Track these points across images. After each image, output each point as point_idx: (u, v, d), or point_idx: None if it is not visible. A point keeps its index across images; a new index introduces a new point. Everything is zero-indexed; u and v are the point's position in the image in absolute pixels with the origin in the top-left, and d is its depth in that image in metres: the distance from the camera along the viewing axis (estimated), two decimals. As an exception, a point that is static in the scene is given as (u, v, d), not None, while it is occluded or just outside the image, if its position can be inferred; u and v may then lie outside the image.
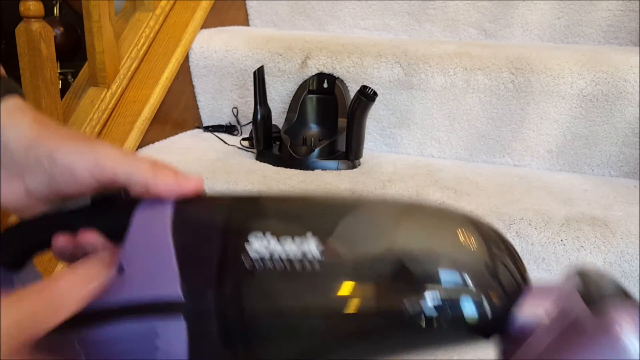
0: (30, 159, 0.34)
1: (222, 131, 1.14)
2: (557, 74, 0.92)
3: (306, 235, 0.29)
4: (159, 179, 0.33)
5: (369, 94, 0.88)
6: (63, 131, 0.36)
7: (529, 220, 0.75)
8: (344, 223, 0.30)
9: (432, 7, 1.21)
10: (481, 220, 0.33)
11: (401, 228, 0.30)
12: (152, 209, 0.33)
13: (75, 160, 0.34)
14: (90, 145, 0.34)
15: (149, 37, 1.04)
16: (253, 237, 0.29)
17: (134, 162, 0.34)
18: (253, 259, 0.29)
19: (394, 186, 0.85)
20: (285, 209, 0.32)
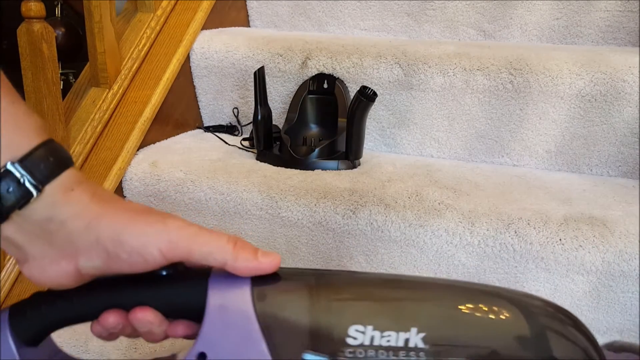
0: (90, 239, 0.33)
1: (223, 131, 1.15)
2: (555, 74, 0.92)
3: (410, 330, 0.30)
4: (239, 260, 0.33)
5: (368, 94, 0.88)
6: (125, 207, 0.34)
7: (528, 219, 0.76)
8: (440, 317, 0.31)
9: (431, 7, 1.22)
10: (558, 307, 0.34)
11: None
12: (226, 285, 0.32)
13: (146, 242, 0.32)
14: (160, 222, 0.33)
15: (150, 37, 1.05)
16: (353, 330, 0.30)
17: (212, 241, 0.33)
18: (354, 348, 0.30)
19: (394, 186, 0.86)
20: (381, 295, 0.33)
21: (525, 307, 0.32)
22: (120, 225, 0.32)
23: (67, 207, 0.33)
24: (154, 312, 0.33)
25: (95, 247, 0.32)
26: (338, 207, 0.82)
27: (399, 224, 0.79)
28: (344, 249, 0.83)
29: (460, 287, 0.34)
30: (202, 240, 0.33)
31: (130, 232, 0.32)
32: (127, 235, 0.32)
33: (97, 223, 0.32)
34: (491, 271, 0.77)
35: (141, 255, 0.32)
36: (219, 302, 0.32)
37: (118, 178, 0.94)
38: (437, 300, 0.33)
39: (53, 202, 0.32)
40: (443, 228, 0.77)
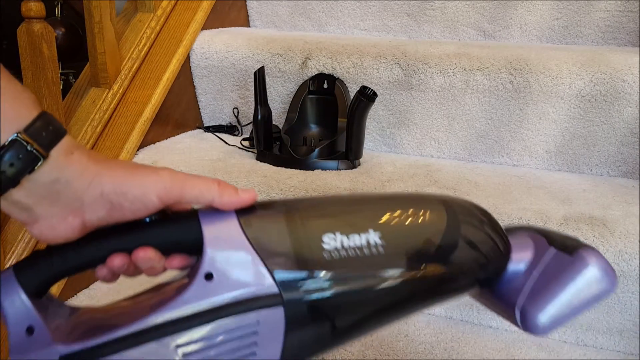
0: (95, 193, 0.37)
1: (223, 131, 1.15)
2: (555, 74, 0.92)
3: (368, 231, 0.39)
4: (224, 196, 0.39)
5: (368, 94, 0.88)
6: (120, 164, 0.39)
7: (528, 219, 0.76)
8: (388, 219, 0.41)
9: (431, 8, 1.22)
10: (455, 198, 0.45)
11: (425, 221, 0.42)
12: (216, 219, 0.38)
13: (145, 191, 0.37)
14: (155, 173, 0.38)
15: (150, 37, 1.05)
16: (326, 237, 0.38)
17: (200, 183, 0.38)
18: (330, 251, 0.38)
19: (394, 186, 0.86)
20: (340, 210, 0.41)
21: (449, 205, 0.43)
22: (120, 179, 0.37)
23: (70, 168, 0.37)
24: (154, 250, 0.38)
25: (100, 200, 0.37)
26: (338, 207, 0.82)
27: (399, 224, 0.79)
28: (344, 249, 0.83)
29: (404, 196, 0.44)
30: (192, 184, 0.38)
31: (131, 183, 0.37)
32: (128, 187, 0.37)
33: (99, 179, 0.37)
34: (491, 271, 0.77)
35: (142, 202, 0.37)
36: (213, 233, 0.38)
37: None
38: (386, 207, 0.41)
39: (57, 165, 0.36)
40: (443, 228, 0.77)
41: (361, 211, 0.41)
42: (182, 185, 0.38)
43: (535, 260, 0.43)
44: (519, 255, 0.44)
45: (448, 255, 0.41)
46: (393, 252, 0.39)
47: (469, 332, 0.78)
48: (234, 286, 0.36)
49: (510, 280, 0.43)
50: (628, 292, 0.72)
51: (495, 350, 0.75)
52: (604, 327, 0.75)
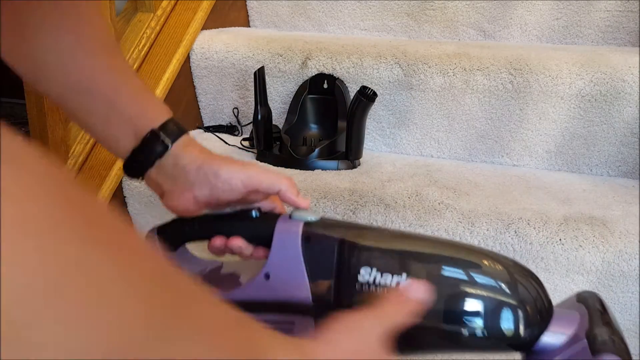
0: (200, 176, 0.50)
1: (223, 131, 1.15)
2: (555, 74, 0.92)
3: (402, 274, 0.43)
4: (288, 191, 0.50)
5: (368, 94, 0.88)
6: (219, 157, 0.51)
7: (528, 219, 0.76)
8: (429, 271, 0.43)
9: (431, 8, 1.22)
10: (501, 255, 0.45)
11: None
12: (285, 232, 0.47)
13: (232, 176, 0.49)
14: (241, 165, 0.51)
15: (150, 37, 1.04)
16: (363, 270, 0.44)
17: (274, 176, 0.50)
18: (362, 283, 0.44)
19: (394, 186, 0.86)
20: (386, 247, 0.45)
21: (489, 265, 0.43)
22: (217, 165, 0.50)
23: (186, 157, 0.50)
24: (243, 240, 0.50)
25: (204, 180, 0.50)
26: (338, 207, 0.82)
27: (399, 224, 0.79)
28: (344, 249, 0.83)
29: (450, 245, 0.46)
30: (266, 176, 0.50)
31: (224, 170, 0.50)
32: (222, 172, 0.49)
33: (204, 165, 0.50)
34: (491, 271, 0.77)
35: (230, 184, 0.49)
36: (279, 243, 0.47)
37: (118, 178, 0.94)
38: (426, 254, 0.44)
39: (176, 154, 0.50)
40: (443, 228, 0.77)
41: (406, 253, 0.44)
42: (260, 176, 0.49)
43: (572, 341, 0.40)
44: (558, 329, 0.41)
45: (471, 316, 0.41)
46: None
47: (469, 332, 0.78)
48: (283, 290, 0.46)
49: (541, 352, 0.41)
50: (628, 292, 0.72)
51: (495, 350, 0.75)
52: (604, 327, 0.75)
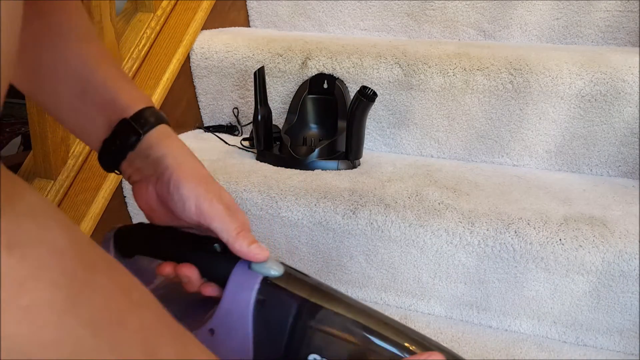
0: (165, 176, 0.45)
1: (223, 131, 1.15)
2: (555, 74, 0.92)
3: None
4: (237, 243, 0.43)
5: (368, 94, 0.88)
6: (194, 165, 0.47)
7: (528, 219, 0.76)
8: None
9: (431, 8, 1.22)
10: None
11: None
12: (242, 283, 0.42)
13: (189, 197, 0.44)
14: (205, 190, 0.45)
15: (150, 37, 1.04)
16: (311, 358, 0.40)
17: (228, 220, 0.44)
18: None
19: (394, 186, 0.86)
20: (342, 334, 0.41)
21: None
22: (182, 179, 0.45)
23: (160, 150, 0.46)
24: (195, 271, 0.44)
25: (166, 184, 0.45)
26: (338, 207, 0.82)
27: (399, 223, 0.79)
28: (344, 248, 0.83)
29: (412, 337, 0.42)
30: (222, 217, 0.44)
31: (185, 187, 0.44)
32: (182, 188, 0.44)
33: (173, 170, 0.45)
34: (491, 271, 0.77)
35: (183, 205, 0.44)
36: (231, 297, 0.42)
37: (118, 178, 0.95)
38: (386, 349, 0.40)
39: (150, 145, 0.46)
40: (443, 228, 0.77)
41: (364, 342, 0.41)
42: (213, 216, 0.44)
43: None
44: None
45: None
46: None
47: (469, 332, 0.78)
48: (225, 352, 0.41)
49: None
50: (628, 292, 0.72)
51: (495, 350, 0.75)
52: (604, 327, 0.75)
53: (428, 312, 0.83)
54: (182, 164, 0.45)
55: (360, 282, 0.85)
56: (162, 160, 0.45)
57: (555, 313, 0.77)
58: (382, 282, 0.84)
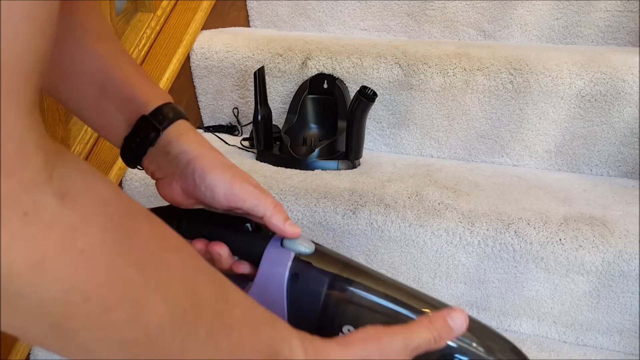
0: (188, 170, 0.46)
1: (223, 131, 1.15)
2: (555, 74, 0.92)
3: None
4: (274, 217, 0.45)
5: (368, 94, 0.88)
6: (216, 155, 0.48)
7: (528, 219, 0.76)
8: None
9: (431, 8, 1.22)
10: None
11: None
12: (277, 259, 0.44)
13: (217, 184, 0.45)
14: (232, 175, 0.46)
15: (150, 37, 1.04)
16: (345, 328, 0.42)
17: (262, 197, 0.46)
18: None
19: (394, 186, 0.86)
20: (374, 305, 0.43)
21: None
22: (207, 167, 0.46)
23: (179, 146, 0.47)
24: (226, 249, 0.46)
25: (190, 178, 0.46)
26: (338, 207, 0.82)
27: (399, 224, 0.79)
28: (344, 248, 0.83)
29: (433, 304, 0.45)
30: (255, 196, 0.45)
31: (211, 175, 0.45)
32: (208, 176, 0.45)
33: (195, 162, 0.46)
34: (491, 271, 0.77)
35: (212, 192, 0.45)
36: (265, 273, 0.43)
37: (118, 178, 0.94)
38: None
39: (169, 141, 0.47)
40: (443, 228, 0.77)
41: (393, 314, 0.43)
42: (245, 196, 0.45)
43: None
44: None
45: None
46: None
47: (469, 332, 0.78)
48: None
49: None
50: (628, 292, 0.72)
51: (495, 350, 0.75)
52: (604, 327, 0.75)
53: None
54: (203, 156, 0.46)
55: (360, 282, 0.85)
56: (183, 156, 0.46)
57: (555, 313, 0.77)
58: (382, 282, 0.84)
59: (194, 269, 0.30)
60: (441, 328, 0.40)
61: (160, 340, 0.27)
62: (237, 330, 0.32)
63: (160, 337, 0.27)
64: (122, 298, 0.25)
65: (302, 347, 0.35)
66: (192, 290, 0.29)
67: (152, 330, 0.27)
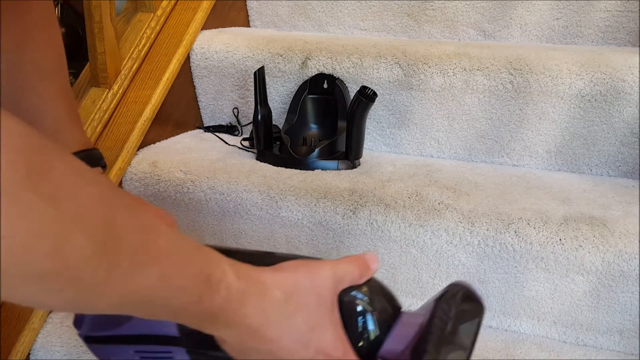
0: None
1: (223, 131, 1.15)
2: (555, 74, 0.92)
3: None
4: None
5: (368, 94, 0.88)
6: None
7: (528, 219, 0.76)
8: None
9: (431, 8, 1.22)
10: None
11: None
12: None
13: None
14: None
15: (150, 37, 1.05)
16: None
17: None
18: None
19: (394, 186, 0.86)
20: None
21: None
22: None
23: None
24: None
25: None
26: (338, 207, 0.82)
27: (399, 224, 0.79)
28: (344, 248, 0.83)
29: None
30: None
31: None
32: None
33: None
34: (491, 271, 0.77)
35: None
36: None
37: (118, 178, 0.94)
38: None
39: None
40: (443, 228, 0.77)
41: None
42: None
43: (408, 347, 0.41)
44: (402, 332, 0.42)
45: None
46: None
47: (469, 332, 0.78)
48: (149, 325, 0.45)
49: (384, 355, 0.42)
50: (628, 292, 0.72)
51: (495, 350, 0.75)
52: (604, 327, 0.75)
53: (428, 312, 0.83)
54: None
55: (360, 282, 0.85)
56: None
57: (555, 313, 0.77)
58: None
59: (111, 202, 0.31)
60: (363, 266, 0.42)
61: (83, 272, 0.28)
62: (164, 258, 0.32)
63: (83, 268, 0.28)
64: (39, 233, 0.26)
65: (233, 270, 0.36)
66: (110, 223, 0.30)
67: (73, 262, 0.27)
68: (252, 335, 0.36)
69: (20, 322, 0.80)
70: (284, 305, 0.37)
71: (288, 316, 0.37)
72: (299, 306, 0.38)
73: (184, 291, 0.33)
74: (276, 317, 0.37)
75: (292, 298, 0.38)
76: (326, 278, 0.40)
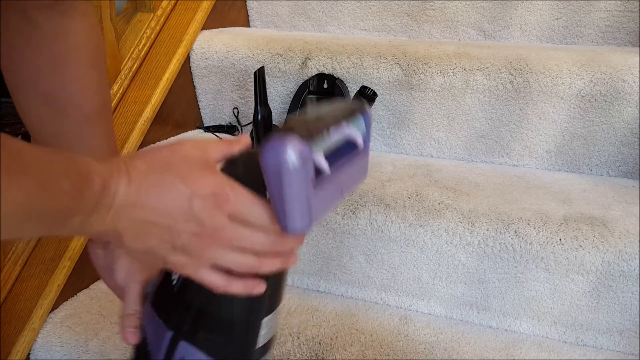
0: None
1: (223, 131, 1.15)
2: (555, 74, 0.92)
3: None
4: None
5: (368, 94, 0.88)
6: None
7: (528, 219, 0.76)
8: None
9: (431, 8, 1.22)
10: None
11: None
12: None
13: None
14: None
15: (150, 37, 1.04)
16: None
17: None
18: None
19: (394, 186, 0.86)
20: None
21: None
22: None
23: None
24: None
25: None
26: (338, 207, 0.82)
27: (399, 224, 0.79)
28: (344, 248, 0.83)
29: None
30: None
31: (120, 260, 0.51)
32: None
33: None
34: (491, 271, 0.77)
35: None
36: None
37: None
38: None
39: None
40: (443, 228, 0.77)
41: None
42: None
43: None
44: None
45: None
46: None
47: (469, 332, 0.78)
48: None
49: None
50: (628, 292, 0.72)
51: (495, 350, 0.75)
52: (604, 327, 0.75)
53: (428, 312, 0.83)
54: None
55: (360, 282, 0.85)
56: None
57: (555, 313, 0.77)
58: (382, 282, 0.84)
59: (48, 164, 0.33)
60: (233, 140, 0.44)
61: None
62: (38, 167, 0.34)
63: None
64: None
65: (95, 160, 0.38)
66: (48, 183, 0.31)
67: None
68: (134, 210, 0.37)
69: (20, 322, 0.80)
70: (150, 172, 0.39)
71: (159, 179, 0.38)
72: (164, 167, 0.39)
73: (66, 192, 0.35)
74: (148, 184, 0.38)
75: (155, 164, 0.39)
76: (186, 144, 0.41)
